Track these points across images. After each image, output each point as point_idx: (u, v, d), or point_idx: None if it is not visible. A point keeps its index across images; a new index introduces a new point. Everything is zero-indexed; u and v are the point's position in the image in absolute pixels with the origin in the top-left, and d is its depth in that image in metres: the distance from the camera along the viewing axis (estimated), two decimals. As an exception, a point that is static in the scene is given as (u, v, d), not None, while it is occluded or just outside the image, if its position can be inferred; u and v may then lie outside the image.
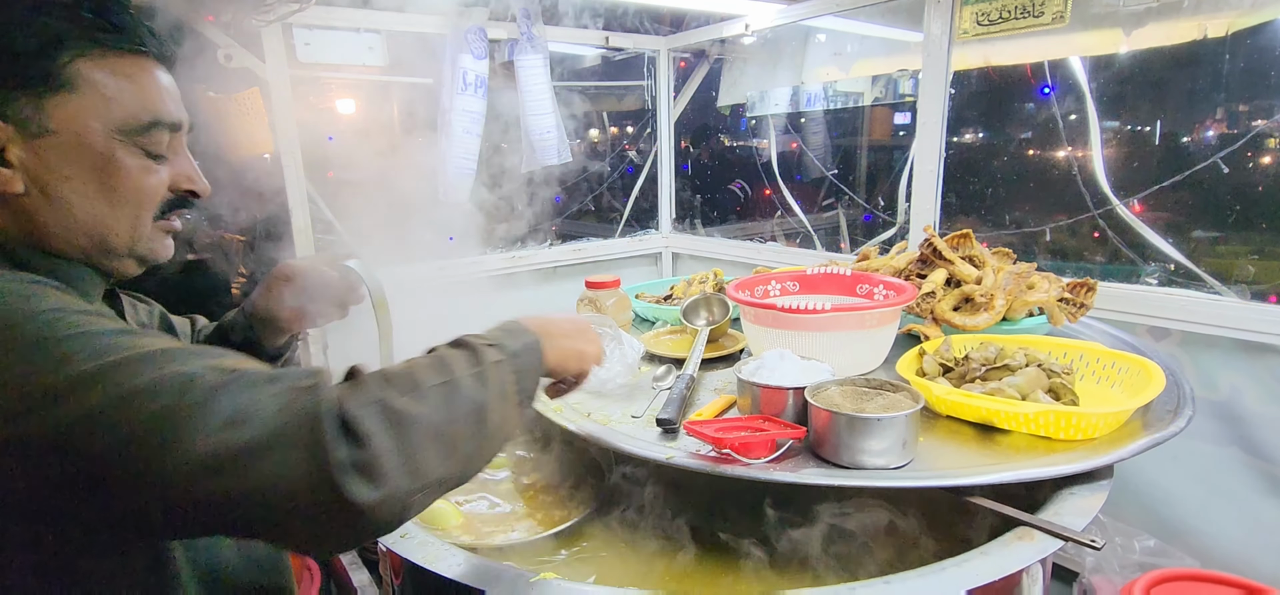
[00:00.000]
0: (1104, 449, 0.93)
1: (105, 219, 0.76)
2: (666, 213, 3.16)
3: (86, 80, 0.72)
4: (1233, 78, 1.74)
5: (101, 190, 0.75)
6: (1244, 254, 1.79)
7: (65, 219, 0.74)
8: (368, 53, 2.20)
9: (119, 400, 0.55)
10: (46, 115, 0.71)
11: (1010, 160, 2.45)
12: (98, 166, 0.74)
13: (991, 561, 0.77)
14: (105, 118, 0.73)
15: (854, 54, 2.77)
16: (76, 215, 0.74)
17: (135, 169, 0.76)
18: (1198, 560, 1.62)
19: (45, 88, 0.70)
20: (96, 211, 0.75)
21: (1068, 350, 1.21)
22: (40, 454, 0.55)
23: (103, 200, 0.75)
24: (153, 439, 0.54)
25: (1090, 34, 1.82)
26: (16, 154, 0.71)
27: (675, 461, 0.95)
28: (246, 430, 0.55)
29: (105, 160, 0.74)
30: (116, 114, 0.74)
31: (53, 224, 0.74)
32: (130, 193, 0.76)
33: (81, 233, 0.75)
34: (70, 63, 0.71)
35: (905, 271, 1.54)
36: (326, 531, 0.58)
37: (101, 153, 0.73)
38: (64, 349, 0.57)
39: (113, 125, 0.74)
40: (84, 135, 0.72)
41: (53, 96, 0.71)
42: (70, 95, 0.72)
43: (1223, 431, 1.63)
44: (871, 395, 0.98)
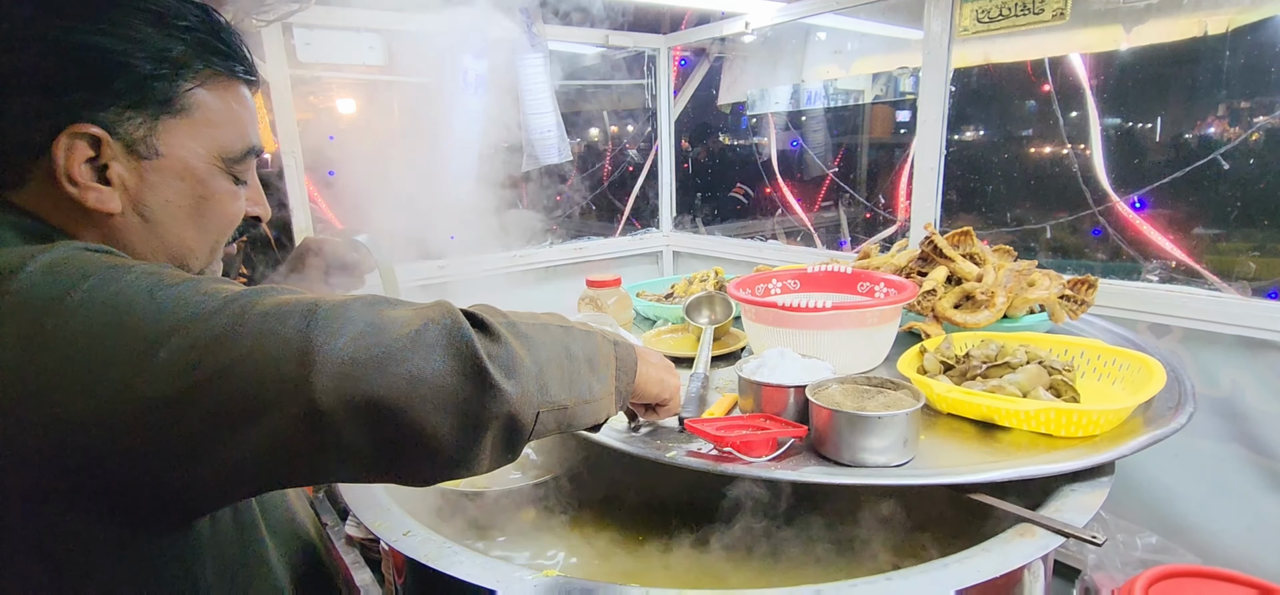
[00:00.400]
0: (1105, 446, 0.93)
1: (189, 242, 0.75)
2: (667, 211, 3.16)
3: (201, 106, 0.71)
4: (1233, 74, 1.74)
5: (193, 215, 0.74)
6: (1245, 250, 1.79)
7: (152, 241, 0.72)
8: (368, 52, 2.20)
9: (247, 322, 0.53)
10: (157, 138, 0.69)
11: (1011, 158, 2.45)
12: (196, 192, 0.73)
13: (993, 558, 0.77)
14: (210, 144, 0.73)
15: (854, 52, 2.77)
16: (166, 238, 0.73)
17: (226, 195, 0.76)
18: (1200, 557, 1.62)
19: (162, 110, 0.69)
20: (184, 235, 0.74)
21: (1069, 347, 1.21)
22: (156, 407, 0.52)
23: (192, 225, 0.74)
24: (291, 352, 0.52)
25: (1091, 31, 1.82)
26: (118, 173, 0.68)
27: (677, 461, 0.95)
28: (388, 332, 0.54)
29: (204, 186, 0.73)
30: (220, 141, 0.74)
31: (138, 244, 0.72)
32: (218, 218, 0.76)
33: (163, 253, 0.73)
34: (191, 90, 0.70)
35: (906, 269, 1.54)
36: (477, 423, 0.57)
37: (202, 179, 0.73)
38: (171, 292, 0.55)
39: (215, 152, 0.73)
40: (190, 161, 0.72)
41: (169, 120, 0.70)
42: (184, 120, 0.71)
43: (1224, 428, 1.64)
44: (872, 393, 0.98)
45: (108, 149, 0.67)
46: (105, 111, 0.66)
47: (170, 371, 0.52)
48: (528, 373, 0.61)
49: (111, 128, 0.66)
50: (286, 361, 0.52)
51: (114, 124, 0.67)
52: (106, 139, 0.66)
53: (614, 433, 1.04)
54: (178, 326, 0.53)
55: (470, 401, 0.56)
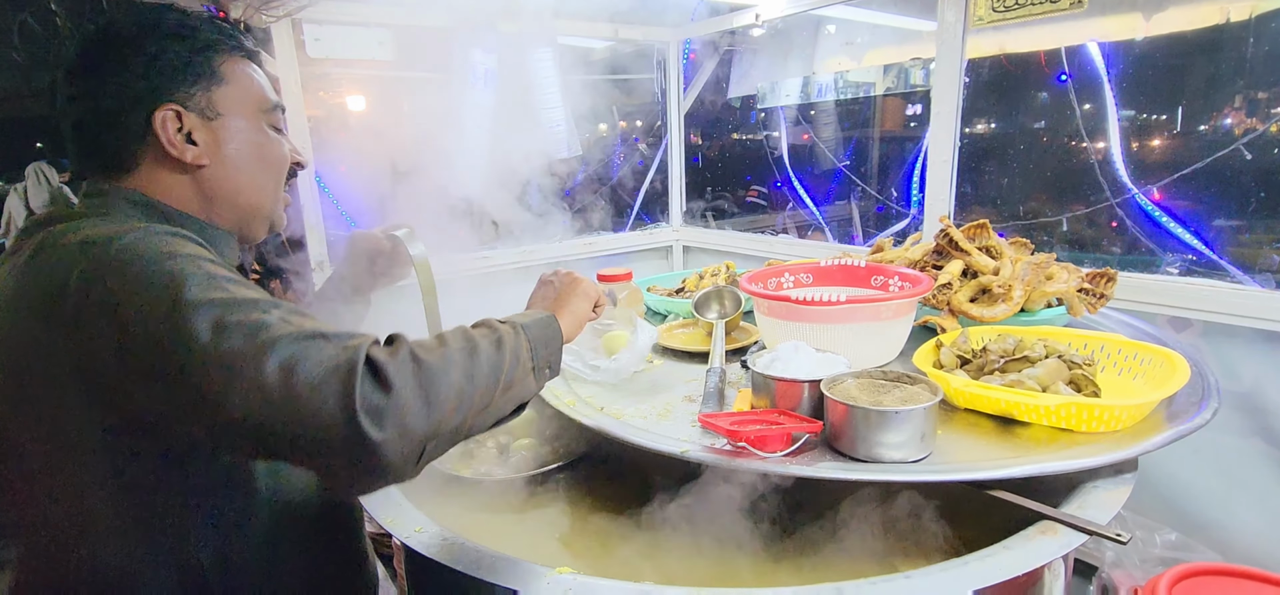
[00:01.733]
0: (1128, 441, 0.91)
1: (260, 181, 0.99)
2: (677, 205, 3.14)
3: (233, 75, 0.95)
4: (1257, 62, 1.70)
5: (257, 157, 0.98)
6: (1268, 242, 1.75)
7: (235, 182, 0.96)
8: (378, 48, 2.19)
9: (211, 328, 0.69)
10: (215, 103, 0.93)
11: (1026, 149, 2.42)
12: (254, 138, 0.97)
13: (1014, 556, 0.76)
14: (250, 101, 0.97)
15: (865, 44, 2.74)
16: (242, 180, 0.97)
17: (274, 141, 1.00)
18: (1220, 554, 1.59)
19: (212, 82, 0.93)
20: (255, 176, 0.98)
21: (1088, 341, 1.19)
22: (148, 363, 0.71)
23: (258, 165, 0.98)
24: (226, 366, 0.67)
25: (1109, 19, 1.79)
26: (200, 136, 0.92)
27: (691, 455, 0.94)
28: (297, 372, 0.67)
29: (258, 132, 0.98)
30: (256, 97, 0.98)
31: (225, 189, 0.95)
32: (274, 158, 1.00)
33: (244, 194, 0.97)
34: (223, 62, 0.94)
35: (920, 263, 1.52)
36: (352, 463, 0.68)
37: (254, 127, 0.97)
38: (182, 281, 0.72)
39: (255, 106, 0.97)
40: (242, 115, 0.96)
41: (218, 88, 0.93)
42: (227, 87, 0.94)
43: (1245, 423, 1.61)
44: (888, 388, 0.96)
45: (187, 119, 0.91)
46: (177, 91, 0.90)
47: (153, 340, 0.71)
48: (415, 414, 0.70)
49: (184, 103, 0.91)
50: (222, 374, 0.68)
51: (185, 100, 0.91)
52: (183, 111, 0.90)
53: (628, 426, 1.03)
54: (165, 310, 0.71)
55: (345, 445, 0.67)
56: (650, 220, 3.18)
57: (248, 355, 0.67)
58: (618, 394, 1.19)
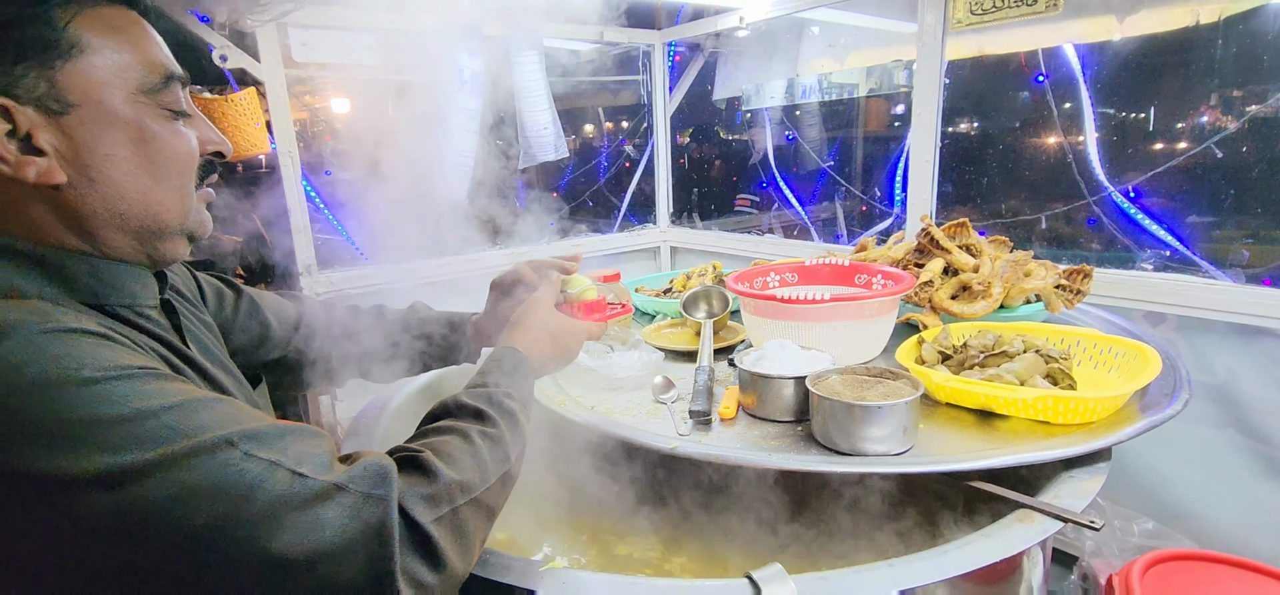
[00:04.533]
0: (1102, 432, 0.94)
1: (153, 194, 0.70)
2: (664, 206, 3.16)
3: (90, 42, 0.65)
4: (1226, 63, 1.75)
5: (143, 162, 0.68)
6: (1239, 238, 1.80)
7: (114, 203, 0.68)
8: (364, 51, 2.19)
9: (177, 498, 0.52)
10: (62, 88, 0.63)
11: (1006, 149, 2.47)
12: (132, 136, 0.67)
13: (993, 543, 0.78)
14: (121, 80, 0.67)
15: (848, 45, 2.77)
16: (125, 195, 0.68)
17: (166, 133, 0.70)
18: (1196, 542, 1.64)
19: (51, 55, 0.63)
20: (143, 187, 0.69)
21: (1065, 336, 1.22)
22: (92, 538, 0.52)
23: (147, 173, 0.69)
24: (216, 540, 0.52)
25: (1084, 21, 1.83)
26: (47, 139, 0.63)
27: (681, 451, 0.96)
28: (316, 540, 0.54)
29: (136, 127, 0.68)
30: (130, 74, 0.67)
31: (102, 212, 0.67)
32: (170, 159, 0.70)
33: (133, 217, 0.69)
34: (67, 23, 0.64)
35: (903, 261, 1.55)
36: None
37: (131, 119, 0.67)
38: (116, 431, 0.52)
39: (130, 87, 0.67)
40: (107, 102, 0.66)
41: (63, 64, 0.63)
42: (79, 60, 0.64)
43: (1220, 414, 1.65)
44: (872, 383, 0.99)
45: (20, 115, 0.62)
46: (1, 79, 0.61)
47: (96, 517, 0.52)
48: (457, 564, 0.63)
49: (10, 91, 0.62)
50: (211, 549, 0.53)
51: (11, 87, 0.62)
52: (12, 105, 0.61)
53: (618, 423, 1.05)
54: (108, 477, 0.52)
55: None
56: (637, 221, 3.19)
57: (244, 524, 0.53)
58: (607, 392, 1.21)
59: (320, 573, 0.54)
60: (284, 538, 0.53)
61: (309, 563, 0.53)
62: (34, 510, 0.51)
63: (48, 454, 0.51)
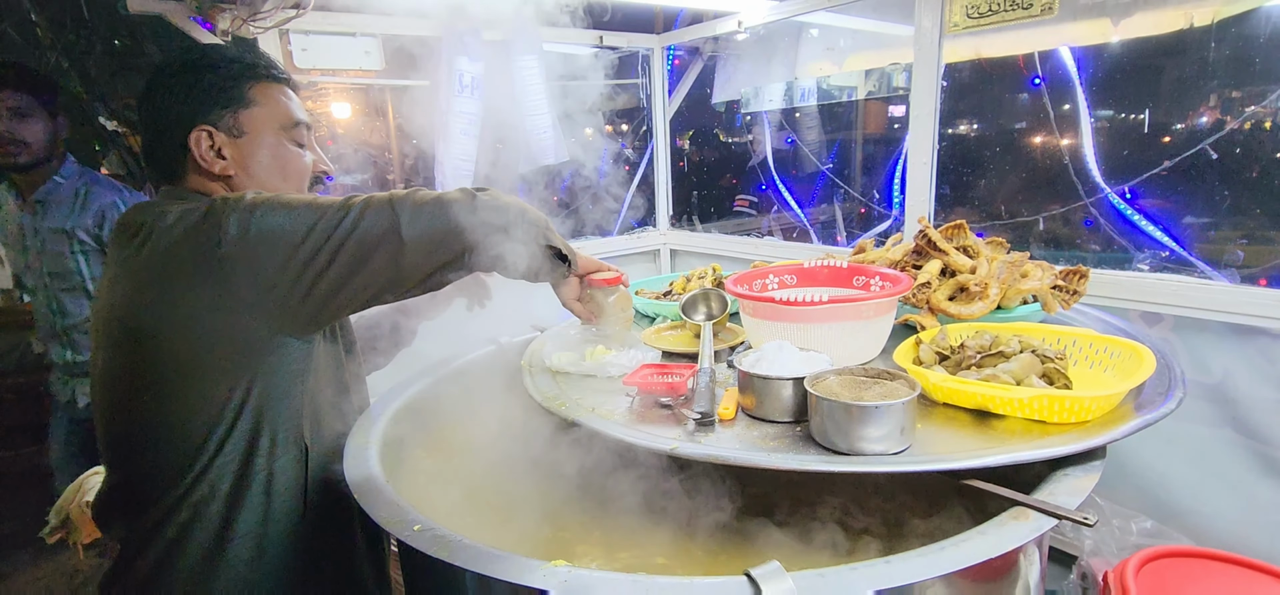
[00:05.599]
0: (1097, 431, 0.95)
1: (281, 189, 1.16)
2: (664, 210, 3.17)
3: (260, 98, 1.15)
4: (1219, 65, 1.77)
5: (277, 170, 1.17)
6: (1234, 238, 1.82)
7: (258, 189, 1.12)
8: (364, 57, 2.21)
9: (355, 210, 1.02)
10: (242, 124, 1.14)
11: (1003, 151, 2.48)
12: (273, 154, 1.16)
13: (989, 540, 0.79)
14: (271, 121, 1.16)
15: (846, 48, 2.79)
16: (264, 188, 1.14)
17: (293, 154, 1.19)
18: (1193, 540, 1.65)
19: (239, 106, 1.13)
20: (275, 184, 1.16)
21: (1061, 336, 1.23)
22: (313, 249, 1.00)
23: (279, 175, 1.17)
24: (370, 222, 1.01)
25: (1079, 24, 1.84)
26: (228, 151, 1.13)
27: (680, 452, 0.97)
28: (363, 231, 1.01)
29: (277, 148, 1.17)
30: (276, 117, 1.16)
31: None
32: (294, 170, 1.19)
33: None
34: (251, 88, 1.14)
35: (901, 263, 1.56)
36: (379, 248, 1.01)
37: (273, 144, 1.16)
38: (315, 203, 1.02)
39: (275, 125, 1.16)
40: (264, 133, 1.15)
41: (245, 111, 1.14)
42: (253, 109, 1.14)
43: (1216, 413, 1.66)
44: (869, 384, 1.00)
45: (217, 137, 1.12)
46: (210, 113, 1.11)
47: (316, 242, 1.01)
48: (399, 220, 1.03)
49: (215, 123, 1.12)
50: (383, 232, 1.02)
51: (216, 120, 1.12)
52: (214, 131, 1.12)
53: (618, 425, 1.06)
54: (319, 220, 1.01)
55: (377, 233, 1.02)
56: (637, 224, 3.21)
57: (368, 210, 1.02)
58: (608, 394, 1.22)
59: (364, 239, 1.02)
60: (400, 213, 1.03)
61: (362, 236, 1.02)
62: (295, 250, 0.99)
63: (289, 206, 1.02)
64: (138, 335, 1.02)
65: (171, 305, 0.99)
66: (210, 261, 0.97)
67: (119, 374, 1.06)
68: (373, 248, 1.01)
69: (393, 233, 1.01)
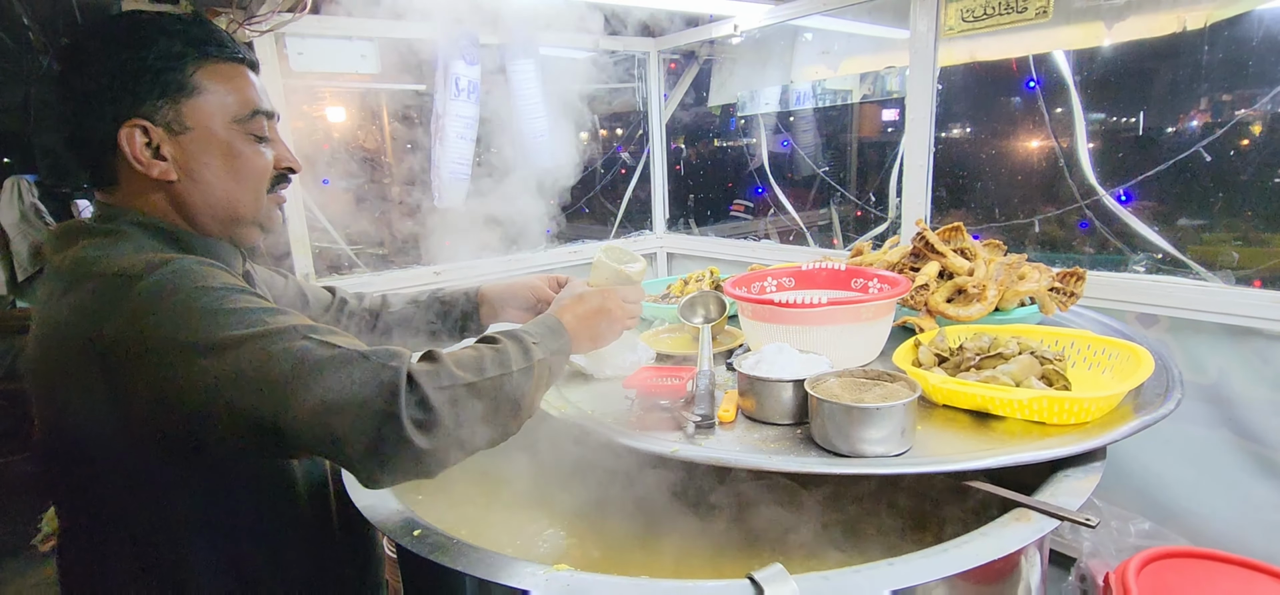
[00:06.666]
0: (1096, 432, 0.95)
1: (234, 193, 0.96)
2: (661, 213, 3.17)
3: (207, 86, 0.93)
4: (1212, 68, 1.78)
5: (229, 171, 0.96)
6: (1228, 240, 1.83)
7: (207, 196, 0.95)
8: (361, 61, 2.20)
9: (255, 363, 0.76)
10: (184, 117, 0.91)
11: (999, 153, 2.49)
12: (224, 152, 0.95)
13: (991, 542, 0.79)
14: (222, 112, 0.94)
15: (841, 52, 2.80)
16: (215, 192, 0.95)
17: (250, 152, 0.97)
18: (1191, 541, 1.65)
19: (181, 94, 0.91)
20: (227, 188, 0.96)
21: (1059, 338, 1.23)
22: (198, 395, 0.76)
23: (231, 178, 0.96)
24: (275, 394, 0.75)
25: (1073, 28, 1.85)
26: (168, 150, 0.91)
27: (681, 455, 0.96)
28: (345, 392, 0.76)
29: (228, 146, 0.95)
30: (229, 108, 0.94)
31: (198, 202, 0.95)
32: (249, 171, 0.97)
33: (219, 207, 0.96)
34: (194, 73, 0.91)
35: (898, 265, 1.56)
36: (395, 465, 0.78)
37: (225, 140, 0.94)
38: (223, 318, 0.78)
39: (227, 117, 0.94)
40: (212, 128, 0.93)
41: (187, 101, 0.91)
42: (199, 98, 0.92)
43: (1212, 414, 1.67)
44: (869, 386, 1.00)
45: (154, 132, 0.90)
46: (143, 106, 0.89)
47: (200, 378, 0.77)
48: (448, 435, 0.81)
49: (150, 117, 0.89)
50: (272, 401, 0.76)
51: (152, 114, 0.90)
52: (149, 126, 0.89)
53: (618, 429, 1.06)
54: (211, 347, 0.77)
55: (391, 451, 0.77)
56: (634, 228, 3.21)
57: (295, 381, 0.75)
58: (609, 397, 1.21)
59: (351, 412, 0.76)
60: (326, 384, 0.76)
61: (342, 405, 0.75)
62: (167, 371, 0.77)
63: (186, 330, 0.77)
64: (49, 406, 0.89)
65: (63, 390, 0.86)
66: (86, 362, 0.81)
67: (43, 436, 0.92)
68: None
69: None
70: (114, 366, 0.79)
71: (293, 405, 0.75)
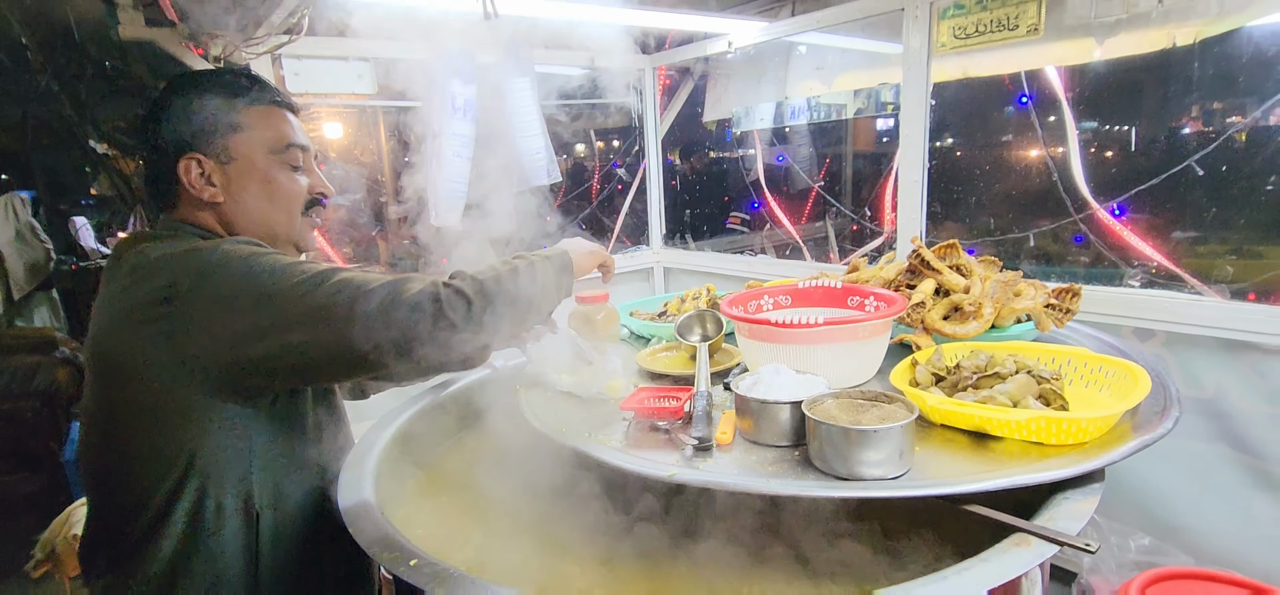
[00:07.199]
0: (1095, 453, 0.94)
1: (270, 215, 1.16)
2: (657, 228, 3.18)
3: (249, 123, 1.13)
4: (1203, 83, 1.80)
5: (266, 194, 1.15)
6: (1222, 253, 1.83)
7: (247, 217, 1.14)
8: (357, 81, 2.21)
9: (322, 295, 0.96)
10: (230, 149, 1.12)
11: (993, 168, 2.51)
12: (263, 178, 1.14)
13: (990, 567, 0.79)
14: (260, 144, 1.14)
15: (835, 67, 2.82)
16: (253, 215, 1.15)
17: (285, 178, 1.17)
18: (1192, 557, 1.65)
19: (229, 131, 1.11)
20: (264, 210, 1.16)
21: (1056, 356, 1.23)
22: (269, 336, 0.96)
23: (268, 201, 1.16)
24: (339, 317, 0.94)
25: (1064, 44, 1.87)
26: (217, 177, 1.12)
27: (677, 478, 0.96)
28: (400, 303, 0.96)
29: (266, 173, 1.15)
30: (266, 140, 1.14)
31: (242, 220, 1.14)
32: (283, 195, 1.17)
33: (259, 224, 1.15)
34: (241, 112, 1.12)
35: (895, 282, 1.56)
36: (447, 346, 0.99)
37: (263, 169, 1.14)
38: (286, 272, 0.98)
39: (265, 148, 1.14)
40: (253, 158, 1.14)
41: (234, 136, 1.12)
42: (243, 134, 1.12)
43: (1210, 429, 1.67)
44: (867, 407, 0.99)
45: (206, 164, 1.11)
46: (199, 140, 1.10)
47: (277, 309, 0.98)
48: (481, 319, 1.02)
49: (203, 149, 1.10)
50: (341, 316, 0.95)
51: (205, 146, 1.10)
52: (202, 158, 1.10)
53: (615, 451, 1.05)
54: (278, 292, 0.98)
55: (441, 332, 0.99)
56: (630, 243, 3.21)
57: (356, 300, 0.94)
58: (605, 420, 1.21)
59: (405, 308, 0.96)
60: (381, 295, 0.96)
61: (398, 303, 0.96)
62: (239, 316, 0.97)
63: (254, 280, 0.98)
64: (108, 372, 1.03)
65: (130, 350, 0.99)
66: (159, 315, 0.97)
67: (93, 408, 1.07)
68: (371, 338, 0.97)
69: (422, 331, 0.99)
70: (186, 316, 0.96)
71: (357, 316, 0.93)
